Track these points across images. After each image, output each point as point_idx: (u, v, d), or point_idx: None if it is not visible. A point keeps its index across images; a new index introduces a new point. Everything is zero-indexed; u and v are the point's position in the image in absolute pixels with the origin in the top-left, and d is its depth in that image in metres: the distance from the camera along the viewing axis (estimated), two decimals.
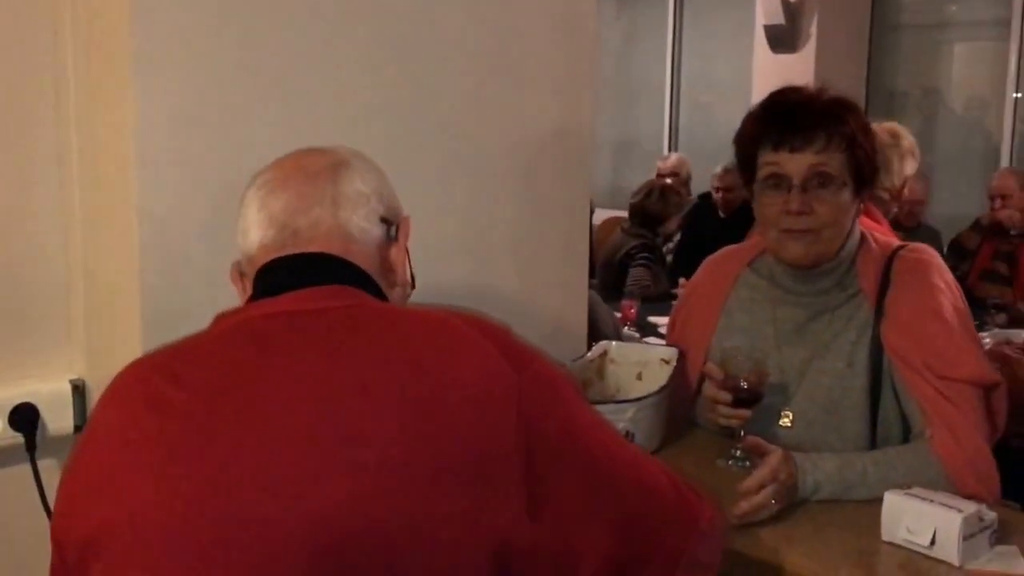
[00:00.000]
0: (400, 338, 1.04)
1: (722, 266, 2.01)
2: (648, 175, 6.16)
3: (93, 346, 1.66)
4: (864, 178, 1.78)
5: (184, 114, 1.53)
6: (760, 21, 6.97)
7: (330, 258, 1.13)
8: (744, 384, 1.71)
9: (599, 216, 5.64)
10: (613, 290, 4.86)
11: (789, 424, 1.81)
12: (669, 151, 7.54)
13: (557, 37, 1.96)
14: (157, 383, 1.05)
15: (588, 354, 1.98)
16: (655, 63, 8.11)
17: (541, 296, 2.00)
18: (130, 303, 1.54)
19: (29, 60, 1.59)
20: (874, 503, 1.50)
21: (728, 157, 4.27)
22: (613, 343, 2.02)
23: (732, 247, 2.09)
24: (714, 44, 7.88)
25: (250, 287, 1.16)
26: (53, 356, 1.65)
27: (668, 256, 5.58)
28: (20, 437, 1.58)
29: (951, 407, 1.66)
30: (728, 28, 7.70)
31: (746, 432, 1.71)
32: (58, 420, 1.62)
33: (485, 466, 0.97)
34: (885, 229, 2.45)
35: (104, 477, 1.02)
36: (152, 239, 1.52)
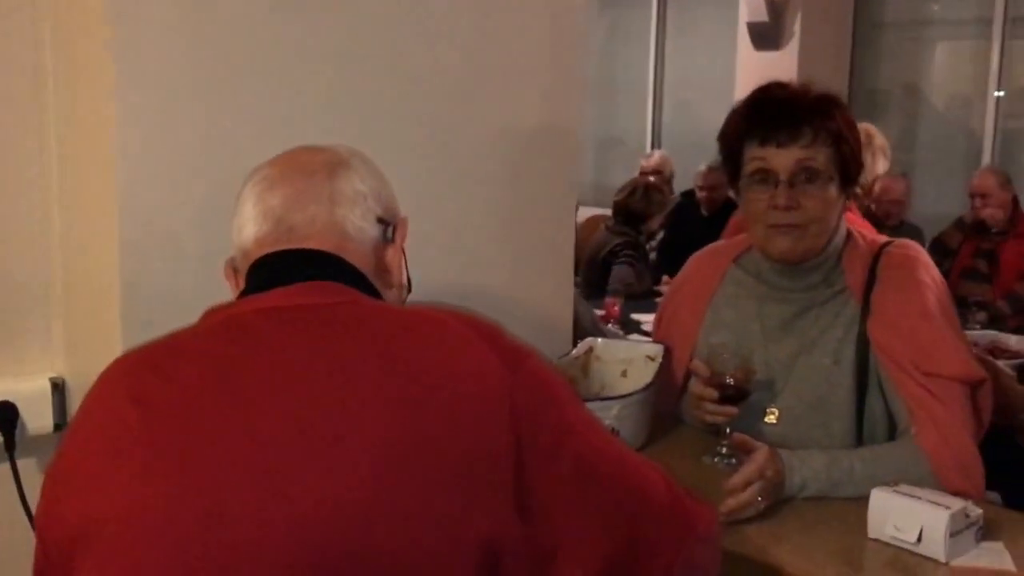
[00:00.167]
0: (391, 335, 1.03)
1: (708, 262, 2.01)
2: (631, 173, 6.16)
3: (73, 343, 1.64)
4: (850, 173, 1.78)
5: (165, 108, 1.52)
6: (744, 18, 6.99)
7: (324, 255, 1.12)
8: (730, 381, 1.71)
9: (582, 214, 5.63)
10: (596, 288, 4.86)
11: (775, 421, 1.81)
12: (652, 149, 7.54)
13: (545, 32, 1.95)
14: (144, 378, 1.04)
15: (573, 351, 1.97)
16: (638, 61, 8.13)
17: (527, 293, 2.00)
18: (110, 300, 1.52)
19: (7, 53, 1.57)
20: (861, 500, 1.51)
21: (711, 156, 4.29)
22: (599, 340, 2.01)
23: (718, 243, 2.09)
24: (697, 42, 7.89)
25: (243, 283, 1.15)
26: (32, 354, 1.64)
27: (652, 254, 5.59)
28: None
29: (937, 404, 1.66)
30: (711, 26, 7.72)
31: (732, 429, 1.71)
32: (38, 419, 1.60)
33: (475, 465, 0.96)
34: (868, 226, 2.47)
35: (89, 473, 1.01)
36: (132, 235, 1.51)
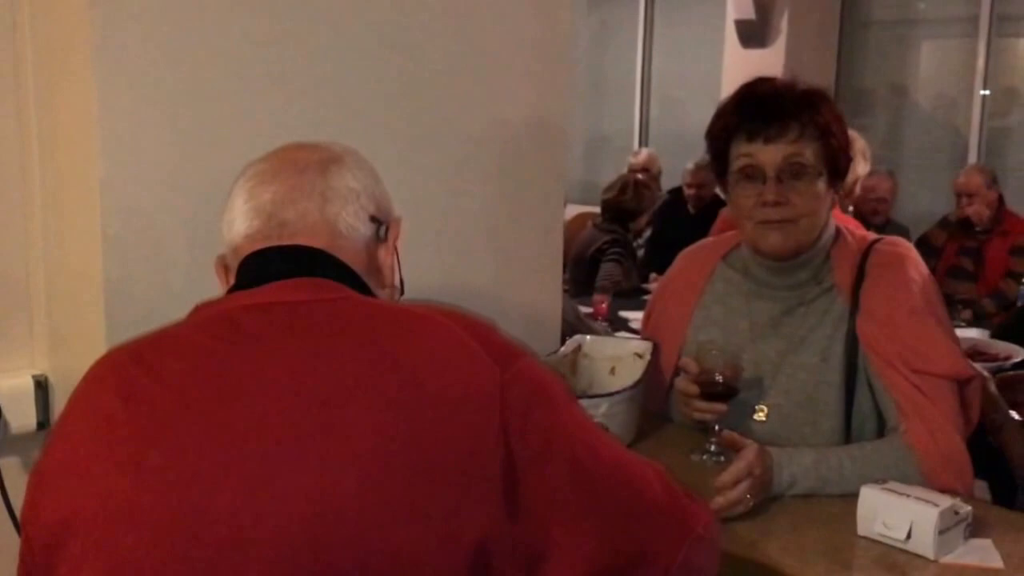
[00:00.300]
0: (381, 333, 1.02)
1: (697, 260, 2.00)
2: (619, 171, 6.15)
3: (56, 340, 1.62)
4: (839, 167, 1.78)
5: (148, 103, 1.51)
6: (731, 16, 7.00)
7: (315, 251, 1.11)
8: (719, 378, 1.71)
9: (570, 211, 5.63)
10: (584, 285, 4.86)
11: (764, 418, 1.81)
12: (640, 147, 7.55)
13: (532, 29, 1.94)
14: (131, 373, 1.03)
15: (562, 349, 1.96)
16: (626, 58, 8.13)
17: (515, 291, 1.99)
18: (94, 296, 1.51)
19: None
20: (850, 498, 1.50)
21: (698, 153, 4.29)
22: (587, 337, 2.00)
23: (707, 240, 2.08)
24: (685, 39, 7.90)
25: (233, 279, 1.14)
26: (14, 351, 1.62)
27: (639, 251, 5.58)
28: None
29: (926, 401, 1.66)
30: (698, 23, 7.73)
31: (721, 426, 1.71)
32: (20, 417, 1.58)
33: (465, 465, 0.95)
34: (856, 224, 2.48)
35: (75, 467, 1.01)
36: (115, 231, 1.49)
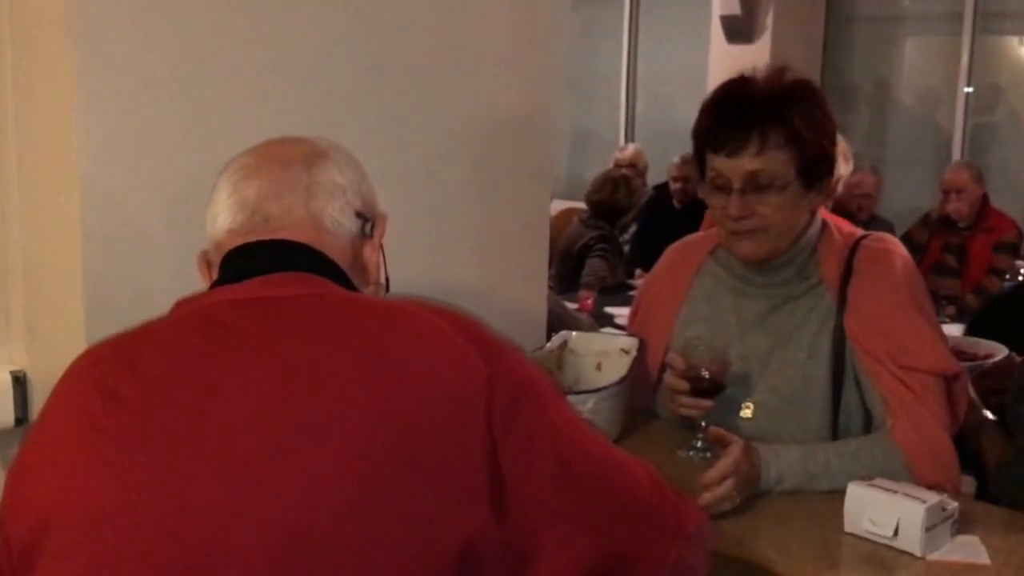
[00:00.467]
0: (366, 329, 1.01)
1: (684, 255, 1.99)
2: (605, 167, 6.15)
3: (35, 336, 1.60)
4: (817, 171, 1.73)
5: (130, 95, 1.49)
6: (716, 12, 7.01)
7: (299, 246, 1.10)
8: (706, 374, 1.70)
9: (556, 207, 5.63)
10: (570, 281, 4.86)
11: (751, 415, 1.80)
12: (626, 142, 7.55)
13: (518, 24, 1.93)
14: (111, 370, 1.02)
15: (548, 344, 1.95)
16: (612, 54, 8.13)
17: (500, 287, 1.98)
18: (73, 291, 1.49)
19: None
20: (837, 494, 1.50)
21: (684, 148, 4.29)
22: (573, 333, 1.99)
23: (694, 236, 2.07)
24: (670, 35, 7.91)
25: (216, 275, 1.12)
26: None
27: (625, 247, 5.58)
28: None
29: (913, 397, 1.66)
30: (684, 19, 7.74)
31: (707, 423, 1.70)
32: None
33: (450, 463, 0.94)
34: (843, 220, 2.47)
35: (52, 466, 0.99)
36: (95, 225, 1.47)
